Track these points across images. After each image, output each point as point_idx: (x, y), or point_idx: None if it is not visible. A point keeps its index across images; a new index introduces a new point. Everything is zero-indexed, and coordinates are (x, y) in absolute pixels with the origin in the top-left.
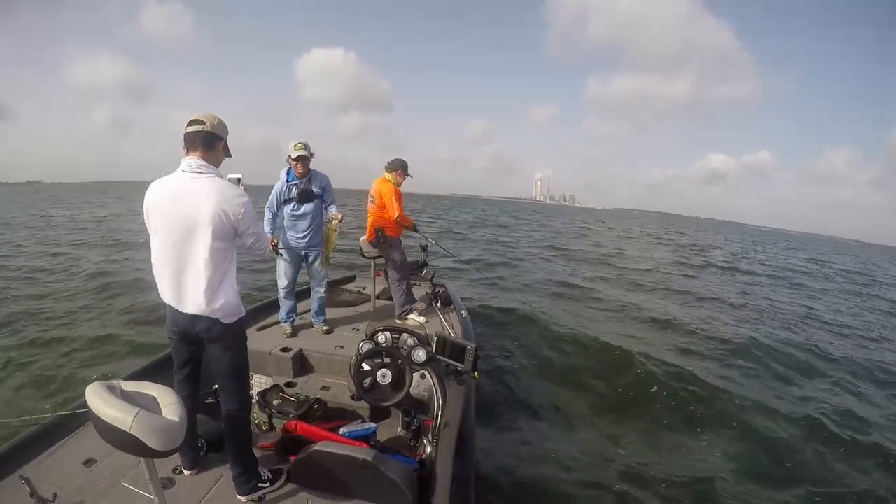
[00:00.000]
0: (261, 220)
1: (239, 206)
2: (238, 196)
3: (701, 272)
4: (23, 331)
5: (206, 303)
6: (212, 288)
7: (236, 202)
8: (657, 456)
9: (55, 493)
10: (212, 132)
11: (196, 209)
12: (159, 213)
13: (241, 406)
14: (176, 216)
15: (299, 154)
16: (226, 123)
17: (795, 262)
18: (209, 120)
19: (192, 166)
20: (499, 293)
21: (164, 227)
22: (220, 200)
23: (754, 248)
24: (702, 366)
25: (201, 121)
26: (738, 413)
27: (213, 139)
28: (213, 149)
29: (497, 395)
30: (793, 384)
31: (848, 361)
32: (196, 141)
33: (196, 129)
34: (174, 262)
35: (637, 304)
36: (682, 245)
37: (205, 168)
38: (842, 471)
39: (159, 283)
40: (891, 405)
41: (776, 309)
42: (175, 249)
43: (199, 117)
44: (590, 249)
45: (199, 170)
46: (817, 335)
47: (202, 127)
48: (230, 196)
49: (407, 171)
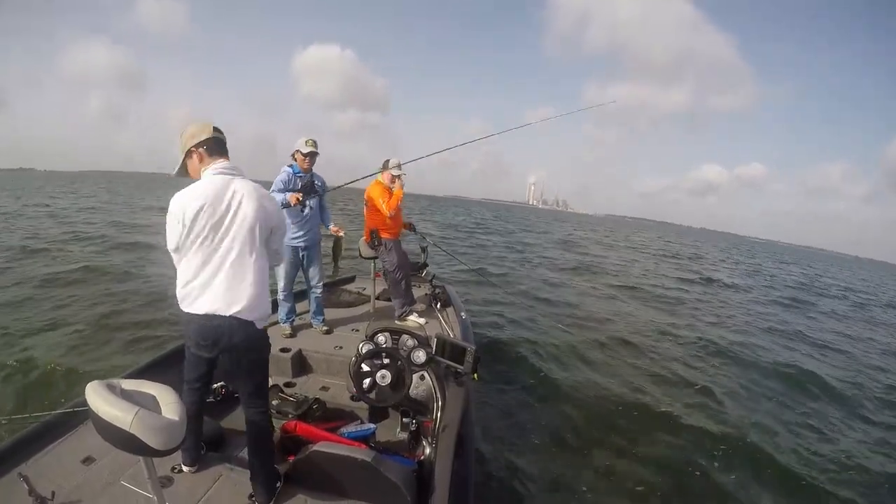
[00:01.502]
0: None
1: (274, 204)
2: (270, 195)
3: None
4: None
5: (255, 307)
6: (259, 292)
7: (270, 198)
8: (659, 458)
9: (53, 492)
10: (224, 140)
11: (244, 209)
12: (205, 216)
13: (266, 409)
14: (226, 217)
15: (310, 150)
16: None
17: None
18: (219, 129)
19: (229, 168)
20: (499, 296)
21: (213, 231)
22: (260, 198)
23: (816, 273)
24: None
25: (219, 129)
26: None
27: (225, 144)
28: (228, 154)
29: (496, 397)
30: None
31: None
32: (223, 147)
33: (219, 135)
34: (223, 267)
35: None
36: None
37: (238, 170)
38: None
39: (197, 293)
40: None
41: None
42: (225, 252)
43: (215, 126)
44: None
45: (235, 171)
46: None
47: (222, 135)
48: (266, 194)
49: (388, 168)
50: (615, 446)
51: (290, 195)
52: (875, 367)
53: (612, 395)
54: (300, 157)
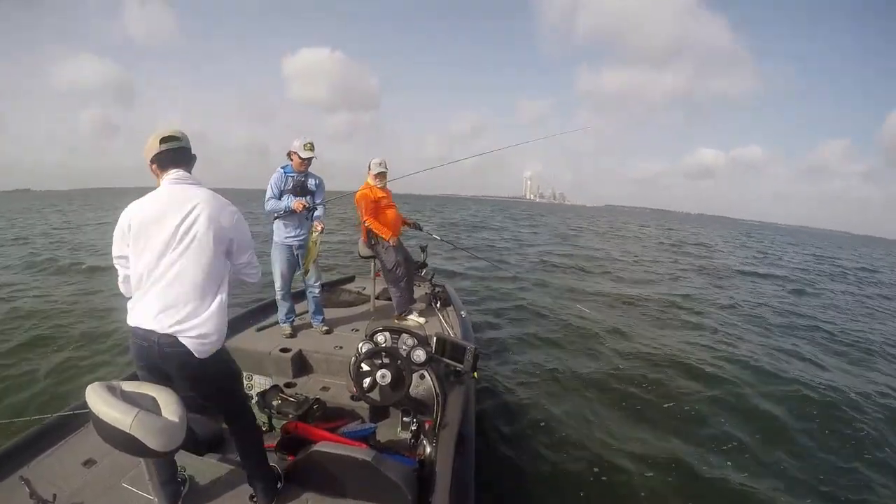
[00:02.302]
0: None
1: (232, 214)
2: (229, 204)
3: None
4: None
5: (198, 326)
6: (202, 309)
7: (229, 209)
8: (664, 459)
9: (55, 494)
10: (187, 147)
11: (194, 219)
12: (147, 226)
13: (245, 424)
14: (168, 227)
15: (308, 155)
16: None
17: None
18: (182, 135)
19: (179, 178)
20: (500, 294)
21: (155, 241)
22: (214, 207)
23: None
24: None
25: (175, 136)
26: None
27: (189, 154)
28: (189, 164)
29: (497, 396)
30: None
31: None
32: (177, 157)
33: (173, 145)
34: (161, 279)
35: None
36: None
37: (192, 179)
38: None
39: (137, 305)
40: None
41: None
42: (165, 264)
43: (170, 133)
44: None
45: (188, 180)
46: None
47: (178, 143)
48: (223, 203)
49: (370, 167)
50: (619, 446)
51: (296, 202)
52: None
53: (614, 395)
54: (297, 159)
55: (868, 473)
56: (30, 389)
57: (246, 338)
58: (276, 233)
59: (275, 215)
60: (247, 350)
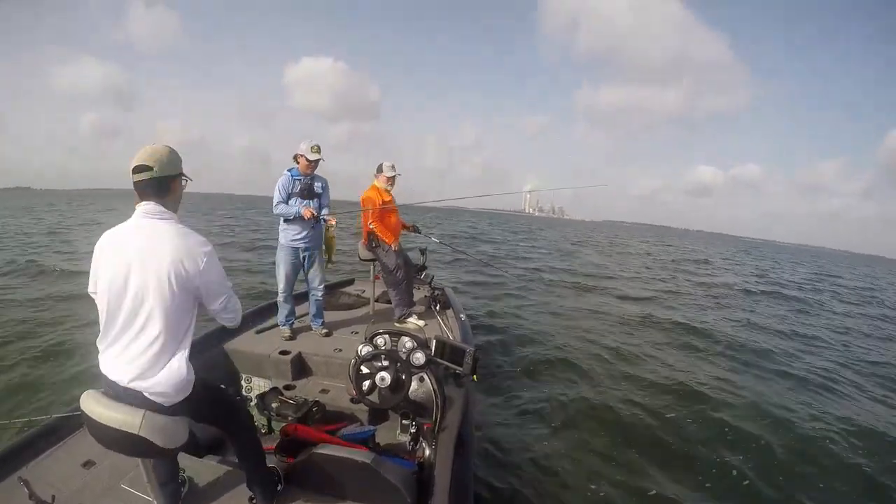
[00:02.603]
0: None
1: (200, 257)
2: (200, 244)
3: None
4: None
5: (153, 384)
6: (158, 365)
7: (197, 251)
8: (660, 461)
9: (54, 496)
10: (160, 177)
11: (150, 259)
12: (106, 263)
13: (239, 426)
14: (126, 267)
15: (316, 158)
16: (177, 153)
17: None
18: (156, 161)
19: (148, 212)
20: (499, 296)
21: (111, 282)
22: (178, 248)
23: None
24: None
25: (147, 166)
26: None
27: (165, 184)
28: (167, 193)
29: (496, 399)
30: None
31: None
32: (147, 191)
33: (142, 177)
34: (122, 328)
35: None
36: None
37: (163, 213)
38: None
39: (103, 350)
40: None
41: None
42: (124, 312)
43: (143, 161)
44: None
45: (158, 216)
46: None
47: (149, 174)
48: (191, 244)
49: (383, 171)
50: (619, 448)
51: (305, 210)
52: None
53: (620, 396)
54: (304, 161)
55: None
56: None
57: (245, 340)
58: (282, 235)
59: (282, 219)
60: (246, 352)
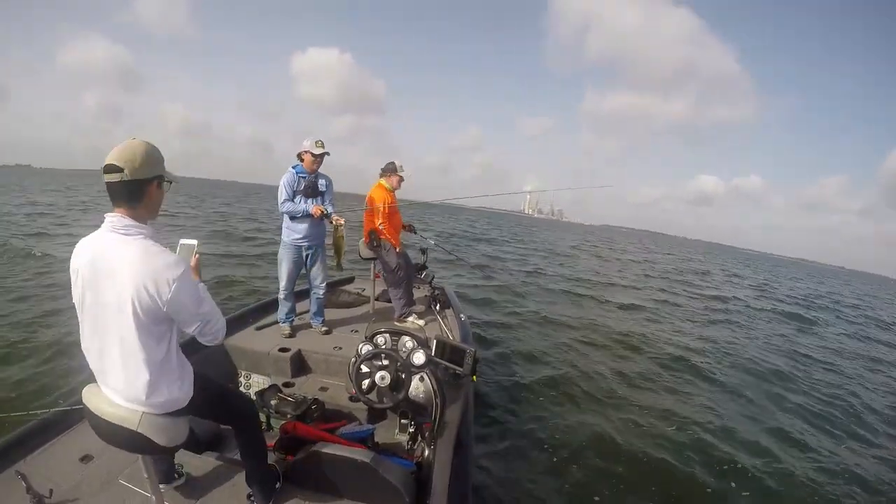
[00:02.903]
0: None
1: (166, 283)
2: (168, 268)
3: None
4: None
5: (139, 406)
6: (143, 388)
7: (164, 276)
8: (660, 461)
9: (51, 490)
10: (133, 180)
11: (115, 282)
12: (80, 281)
13: (243, 421)
14: (95, 288)
15: (321, 151)
16: (156, 152)
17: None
18: (127, 162)
19: (114, 227)
20: (500, 297)
21: (84, 300)
22: (143, 272)
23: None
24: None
25: (116, 166)
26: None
27: (136, 188)
28: (140, 199)
29: (495, 399)
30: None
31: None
32: (117, 195)
33: (112, 178)
34: (93, 352)
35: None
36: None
37: (131, 229)
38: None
39: (92, 368)
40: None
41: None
42: (98, 331)
43: (113, 159)
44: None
45: (122, 231)
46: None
47: (119, 176)
48: (157, 267)
49: (397, 170)
50: (618, 451)
51: (314, 207)
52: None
53: (619, 396)
54: (309, 158)
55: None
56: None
57: (245, 337)
58: (286, 233)
59: (287, 217)
60: (246, 349)
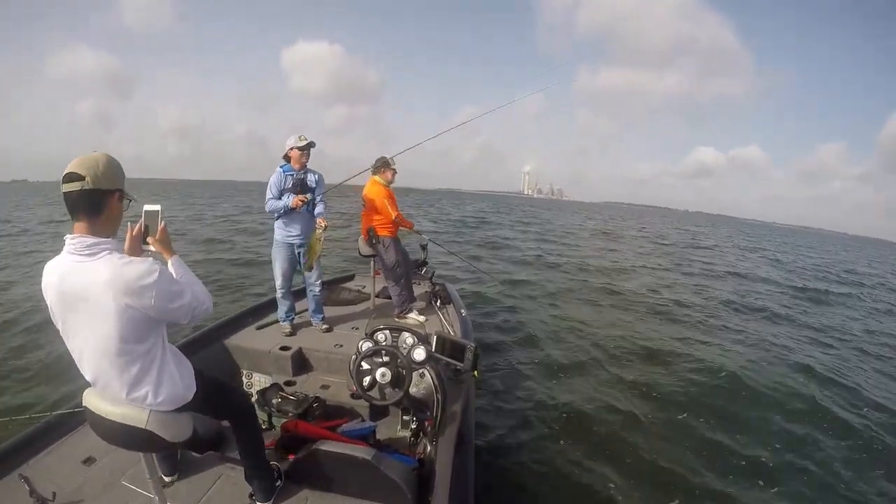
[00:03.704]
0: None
1: (146, 290)
2: (142, 277)
3: None
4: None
5: (141, 407)
6: (140, 388)
7: (141, 287)
8: (662, 456)
9: (54, 492)
10: (94, 189)
11: (91, 305)
12: (55, 308)
13: (242, 419)
14: (73, 312)
15: (306, 143)
16: (118, 165)
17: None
18: (89, 171)
19: (77, 249)
20: (500, 292)
21: (64, 325)
22: (119, 289)
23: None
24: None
25: (78, 174)
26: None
27: (98, 198)
28: (101, 211)
29: (497, 394)
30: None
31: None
32: (77, 206)
33: (72, 188)
34: (87, 364)
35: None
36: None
37: (94, 247)
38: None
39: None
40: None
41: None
42: (87, 353)
43: (75, 168)
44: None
45: (86, 252)
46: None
47: (80, 185)
48: (131, 280)
49: (389, 165)
50: (620, 445)
51: (294, 199)
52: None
53: (622, 391)
54: (295, 153)
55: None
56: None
57: (246, 336)
58: (277, 231)
59: (276, 215)
60: (246, 348)
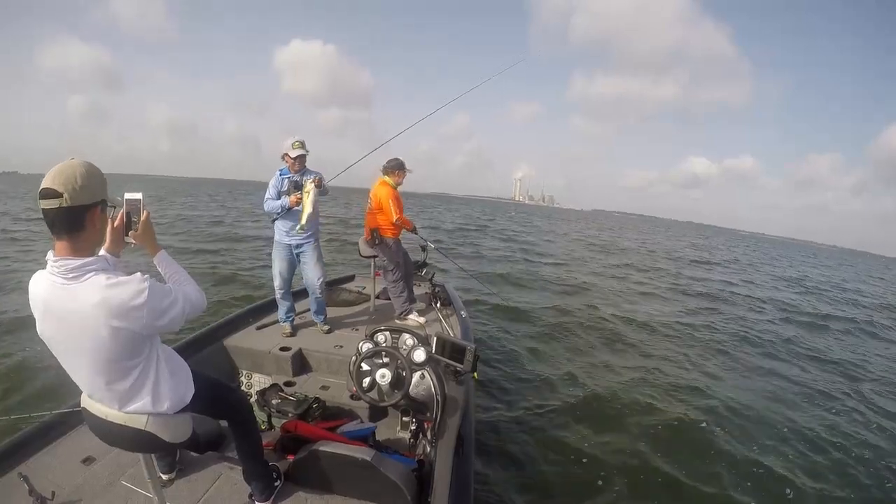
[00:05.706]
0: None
1: (137, 313)
2: (133, 297)
3: None
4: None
5: (142, 412)
6: (138, 399)
7: (132, 305)
8: (663, 455)
9: (54, 492)
10: (73, 206)
11: (77, 329)
12: (42, 328)
13: (239, 418)
14: (57, 334)
15: (298, 154)
16: (98, 173)
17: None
18: (67, 186)
19: (60, 271)
20: (499, 294)
21: (53, 344)
22: (109, 314)
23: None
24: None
25: (55, 191)
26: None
27: (78, 215)
28: (83, 227)
29: (496, 396)
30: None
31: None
32: (56, 224)
33: (49, 205)
34: (81, 378)
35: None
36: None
37: (79, 269)
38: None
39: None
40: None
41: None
42: (81, 370)
43: (51, 183)
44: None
45: (71, 276)
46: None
47: (58, 202)
48: (122, 302)
49: (404, 168)
50: (620, 445)
51: (291, 198)
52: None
53: (617, 393)
54: (289, 159)
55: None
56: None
57: (246, 336)
58: (276, 232)
59: (274, 216)
60: (246, 348)
